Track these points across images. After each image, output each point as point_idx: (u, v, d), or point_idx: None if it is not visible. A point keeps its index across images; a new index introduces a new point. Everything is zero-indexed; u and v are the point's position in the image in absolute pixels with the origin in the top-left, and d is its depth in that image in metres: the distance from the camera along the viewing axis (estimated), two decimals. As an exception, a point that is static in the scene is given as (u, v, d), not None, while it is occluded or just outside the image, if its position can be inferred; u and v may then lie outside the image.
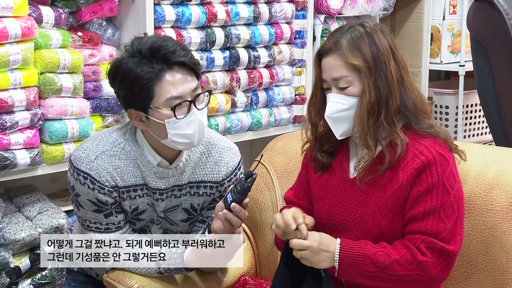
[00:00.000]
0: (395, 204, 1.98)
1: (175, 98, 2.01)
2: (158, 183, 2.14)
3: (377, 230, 2.00)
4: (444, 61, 4.23)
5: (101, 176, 2.08)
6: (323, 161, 2.12)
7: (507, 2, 2.91)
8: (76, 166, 2.09)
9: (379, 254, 1.94)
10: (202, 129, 2.06)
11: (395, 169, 1.99)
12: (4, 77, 2.49)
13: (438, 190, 1.95)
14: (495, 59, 3.00)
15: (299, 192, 2.23)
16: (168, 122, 2.03)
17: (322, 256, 1.94)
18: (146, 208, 2.17)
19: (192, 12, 2.99)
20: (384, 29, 2.02)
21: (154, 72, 2.00)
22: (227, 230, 2.06)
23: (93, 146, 2.11)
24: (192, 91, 2.03)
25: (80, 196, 2.10)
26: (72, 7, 2.73)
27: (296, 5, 3.40)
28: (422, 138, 2.00)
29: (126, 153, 2.12)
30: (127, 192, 2.13)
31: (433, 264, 1.93)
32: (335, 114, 2.00)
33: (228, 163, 2.23)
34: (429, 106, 2.07)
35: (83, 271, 2.42)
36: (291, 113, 3.47)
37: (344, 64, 1.97)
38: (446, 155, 1.98)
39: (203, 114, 2.07)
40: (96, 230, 2.13)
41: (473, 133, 4.30)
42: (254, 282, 2.38)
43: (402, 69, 2.00)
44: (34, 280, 2.66)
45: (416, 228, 1.95)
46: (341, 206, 2.07)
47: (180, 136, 2.04)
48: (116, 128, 2.19)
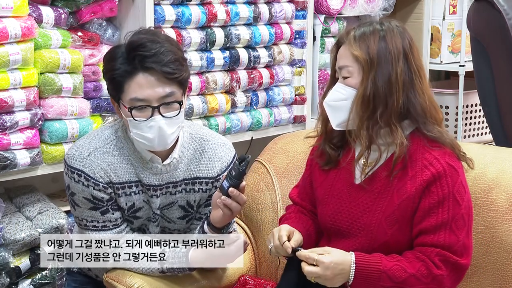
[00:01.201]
0: (402, 214, 1.97)
1: (138, 100, 2.01)
2: (151, 179, 2.14)
3: (382, 239, 1.99)
4: (444, 61, 4.23)
5: (95, 173, 2.08)
6: (331, 153, 2.11)
7: (507, 2, 2.90)
8: (70, 164, 2.10)
9: (395, 268, 1.92)
10: (162, 136, 2.03)
11: (403, 179, 1.97)
12: (4, 77, 2.49)
13: (449, 202, 1.94)
14: (495, 59, 3.00)
15: (302, 193, 2.23)
16: (130, 121, 2.04)
17: (337, 279, 1.93)
18: (143, 205, 2.17)
19: (192, 12, 2.99)
20: (404, 32, 2.01)
21: (127, 70, 2.01)
22: (227, 217, 2.06)
23: (85, 143, 2.12)
24: (161, 97, 2.01)
25: (76, 194, 2.10)
26: (72, 7, 2.73)
27: (296, 5, 3.40)
28: (431, 147, 1.98)
29: (119, 150, 2.12)
30: (122, 189, 2.13)
31: (447, 277, 1.93)
32: (332, 102, 2.01)
33: (223, 158, 2.22)
34: (441, 114, 2.05)
35: (83, 272, 2.42)
36: (291, 113, 3.47)
37: (349, 54, 1.98)
38: (456, 165, 1.97)
39: (170, 122, 2.03)
40: (93, 228, 2.13)
41: (473, 133, 4.30)
42: (254, 282, 2.37)
43: (414, 74, 1.97)
44: (34, 280, 2.66)
45: (429, 241, 1.94)
46: (345, 212, 2.05)
47: (140, 136, 2.05)
48: (108, 126, 2.20)
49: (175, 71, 2.01)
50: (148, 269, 2.15)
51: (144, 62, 1.99)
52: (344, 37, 2.01)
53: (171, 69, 2.00)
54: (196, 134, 2.21)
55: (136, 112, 2.01)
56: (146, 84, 2.00)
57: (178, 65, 2.02)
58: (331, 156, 2.11)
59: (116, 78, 2.02)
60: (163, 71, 1.99)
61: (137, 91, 2.00)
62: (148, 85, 2.00)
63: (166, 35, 2.15)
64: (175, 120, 2.05)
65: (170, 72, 2.00)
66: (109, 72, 2.05)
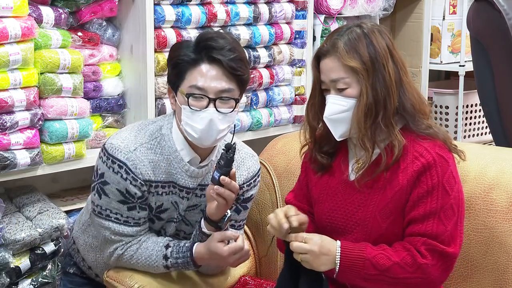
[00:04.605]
0: (395, 206, 1.98)
1: (197, 88, 2.05)
2: (187, 181, 2.16)
3: (377, 233, 2.00)
4: (444, 61, 4.23)
5: (137, 168, 2.10)
6: (323, 162, 2.12)
7: (507, 2, 2.90)
8: (112, 154, 2.10)
9: (379, 256, 1.93)
10: (212, 130, 2.06)
11: (395, 172, 1.98)
12: (4, 77, 2.48)
13: (438, 192, 1.95)
14: (495, 59, 3.00)
15: (299, 194, 2.23)
16: (184, 109, 2.06)
17: (322, 259, 1.94)
18: (169, 206, 2.19)
19: (192, 12, 2.99)
20: (382, 30, 2.02)
21: (193, 58, 2.05)
22: (222, 207, 2.07)
23: (131, 136, 2.13)
24: (219, 91, 2.05)
25: (109, 184, 2.11)
26: (72, 7, 2.73)
27: (296, 5, 3.40)
28: (421, 139, 1.99)
29: (161, 148, 2.14)
30: (155, 188, 2.14)
31: (434, 266, 1.93)
32: (333, 116, 2.00)
33: (250, 168, 2.26)
34: (428, 106, 2.07)
35: (81, 273, 2.42)
36: (291, 113, 3.47)
37: (341, 66, 1.96)
38: (446, 156, 1.98)
39: (223, 118, 2.06)
40: (116, 221, 2.14)
41: (473, 133, 4.30)
42: (254, 282, 2.38)
43: (400, 70, 1.99)
44: (34, 280, 2.66)
45: (416, 230, 1.95)
46: (341, 209, 2.06)
47: (190, 127, 2.07)
48: (151, 121, 2.22)
49: (238, 68, 2.05)
50: (154, 265, 2.15)
51: (211, 53, 2.04)
52: (330, 50, 1.98)
53: (235, 65, 2.05)
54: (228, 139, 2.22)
55: (192, 101, 2.05)
56: (208, 75, 2.04)
57: (242, 64, 2.07)
58: (323, 164, 2.13)
59: (180, 64, 2.07)
60: (227, 66, 2.04)
61: (198, 79, 2.04)
62: (210, 76, 2.04)
63: (234, 38, 2.21)
64: (228, 117, 2.08)
65: (234, 68, 2.05)
66: (174, 58, 2.10)
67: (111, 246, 2.18)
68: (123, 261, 2.18)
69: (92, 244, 2.31)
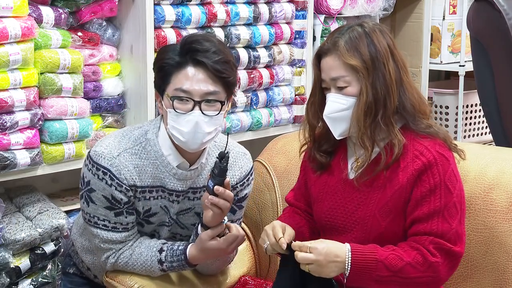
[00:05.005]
0: (395, 205, 1.98)
1: (182, 91, 2.03)
2: (176, 184, 2.15)
3: (377, 231, 1.99)
4: (444, 61, 4.23)
5: (121, 174, 2.09)
6: (322, 161, 2.12)
7: (507, 2, 2.90)
8: (96, 161, 2.09)
9: (391, 257, 1.92)
10: (198, 133, 2.05)
11: (395, 170, 1.98)
12: (4, 77, 2.48)
13: (441, 190, 1.94)
14: (495, 59, 3.00)
15: (297, 194, 2.23)
16: (169, 112, 2.05)
17: (330, 267, 1.91)
18: (158, 210, 2.18)
19: (192, 12, 2.99)
20: (383, 29, 2.02)
21: (177, 61, 2.04)
22: (217, 216, 2.05)
23: (115, 142, 2.12)
24: (205, 94, 2.04)
25: (95, 191, 2.10)
26: (72, 7, 2.73)
27: (296, 5, 3.40)
28: (421, 138, 1.99)
29: (147, 153, 2.13)
30: (142, 193, 2.13)
31: (442, 264, 1.93)
32: (333, 114, 2.00)
33: (242, 167, 2.25)
34: (428, 106, 2.07)
35: (80, 273, 2.42)
36: (291, 113, 3.47)
37: (342, 64, 1.97)
38: (447, 155, 1.98)
39: (208, 121, 2.05)
40: (104, 227, 2.13)
41: (473, 133, 4.30)
42: (254, 282, 2.38)
43: (401, 69, 2.00)
44: (34, 280, 2.66)
45: (421, 229, 1.94)
46: (341, 208, 2.06)
47: (176, 130, 2.05)
48: (137, 127, 2.21)
49: (224, 70, 2.04)
50: (150, 269, 2.15)
51: (196, 55, 2.03)
52: (331, 48, 1.99)
53: (220, 68, 2.03)
54: (219, 143, 2.23)
55: (177, 104, 2.04)
56: (193, 78, 2.03)
57: (227, 66, 2.05)
58: (322, 163, 2.12)
59: (165, 67, 2.06)
60: (212, 68, 2.02)
61: (183, 82, 2.03)
62: (195, 79, 2.03)
63: (220, 40, 2.20)
64: (214, 120, 2.06)
65: (219, 70, 2.03)
66: (160, 61, 2.09)
67: (103, 255, 2.18)
68: (119, 268, 2.18)
69: (89, 247, 2.30)
